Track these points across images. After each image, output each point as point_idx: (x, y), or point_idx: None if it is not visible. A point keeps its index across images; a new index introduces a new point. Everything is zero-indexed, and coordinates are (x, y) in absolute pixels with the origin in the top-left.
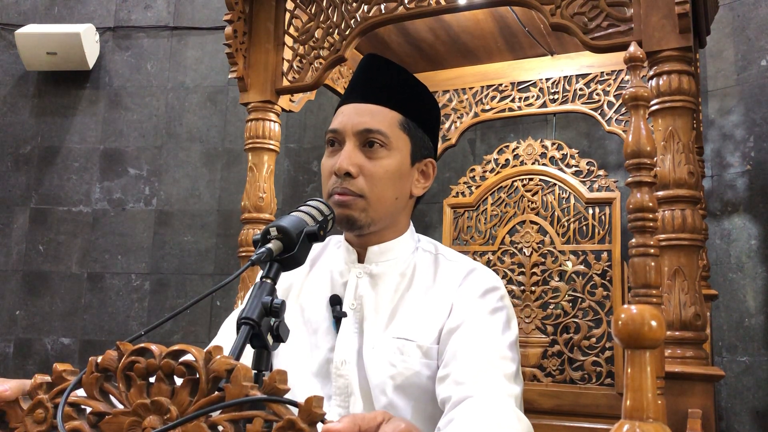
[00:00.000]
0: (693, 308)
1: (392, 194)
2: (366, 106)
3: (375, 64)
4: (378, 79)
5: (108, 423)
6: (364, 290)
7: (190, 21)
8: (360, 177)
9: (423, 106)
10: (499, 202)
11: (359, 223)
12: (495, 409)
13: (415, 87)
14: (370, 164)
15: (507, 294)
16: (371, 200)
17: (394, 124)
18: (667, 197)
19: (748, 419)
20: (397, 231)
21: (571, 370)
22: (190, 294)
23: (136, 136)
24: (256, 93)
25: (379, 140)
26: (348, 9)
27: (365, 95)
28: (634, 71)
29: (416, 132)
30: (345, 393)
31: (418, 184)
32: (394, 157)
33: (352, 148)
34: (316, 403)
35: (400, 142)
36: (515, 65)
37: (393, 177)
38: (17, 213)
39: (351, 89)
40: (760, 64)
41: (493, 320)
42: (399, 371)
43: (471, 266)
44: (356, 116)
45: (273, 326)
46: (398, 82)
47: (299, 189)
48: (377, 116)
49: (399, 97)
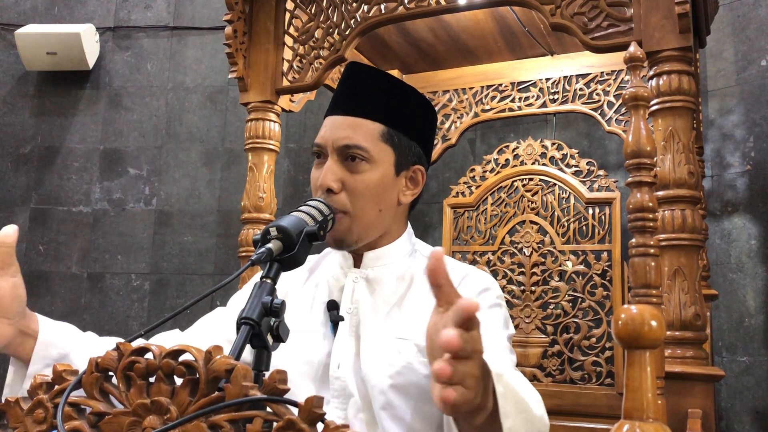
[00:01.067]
0: (693, 308)
1: (375, 207)
2: (347, 120)
3: (357, 74)
4: (359, 90)
5: (108, 423)
6: (361, 294)
7: (190, 21)
8: (342, 193)
9: (409, 112)
10: (499, 202)
11: (347, 242)
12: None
13: (401, 94)
14: (352, 179)
15: (503, 295)
16: (354, 215)
17: (375, 137)
18: (667, 197)
19: (748, 419)
20: (390, 237)
21: (571, 370)
22: (190, 294)
23: (136, 136)
24: (256, 93)
25: (359, 155)
26: (348, 9)
27: (346, 108)
28: (634, 71)
29: (401, 141)
30: (343, 395)
31: (406, 191)
32: (377, 170)
33: (334, 163)
34: (316, 403)
35: (383, 154)
36: (515, 65)
37: (375, 190)
38: (17, 213)
39: (334, 101)
40: (760, 64)
41: (492, 315)
42: (397, 371)
43: (467, 270)
44: (337, 131)
45: (273, 326)
46: (381, 92)
47: (299, 189)
48: (358, 130)
49: (381, 107)
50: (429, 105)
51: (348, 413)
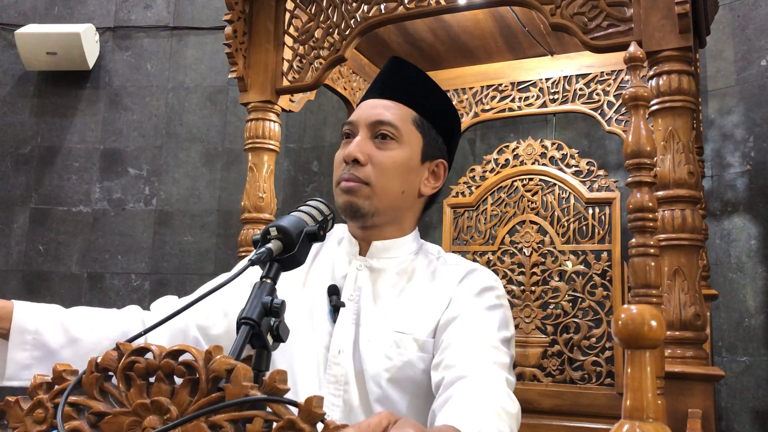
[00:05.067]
0: (693, 308)
1: (398, 186)
2: (382, 101)
3: (396, 65)
4: (397, 77)
5: (108, 423)
6: (363, 282)
7: (190, 21)
8: (368, 165)
9: (440, 108)
10: (499, 202)
11: (363, 210)
12: (489, 387)
13: (434, 91)
14: (380, 154)
15: (506, 295)
16: (376, 189)
17: (407, 119)
18: (667, 197)
19: (748, 419)
20: (401, 230)
21: (571, 370)
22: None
23: (136, 136)
24: (256, 93)
25: (390, 133)
26: (348, 9)
27: (382, 91)
28: (634, 71)
29: (429, 131)
30: (340, 382)
31: (427, 183)
32: (404, 150)
33: (364, 138)
34: (316, 403)
35: (412, 138)
36: (515, 65)
37: (400, 169)
38: (17, 213)
39: (371, 87)
40: (760, 64)
41: (490, 316)
42: (394, 364)
43: (472, 266)
44: (371, 109)
45: (273, 326)
46: (416, 83)
47: (299, 189)
48: (391, 110)
49: (415, 95)
50: (456, 111)
51: (344, 400)
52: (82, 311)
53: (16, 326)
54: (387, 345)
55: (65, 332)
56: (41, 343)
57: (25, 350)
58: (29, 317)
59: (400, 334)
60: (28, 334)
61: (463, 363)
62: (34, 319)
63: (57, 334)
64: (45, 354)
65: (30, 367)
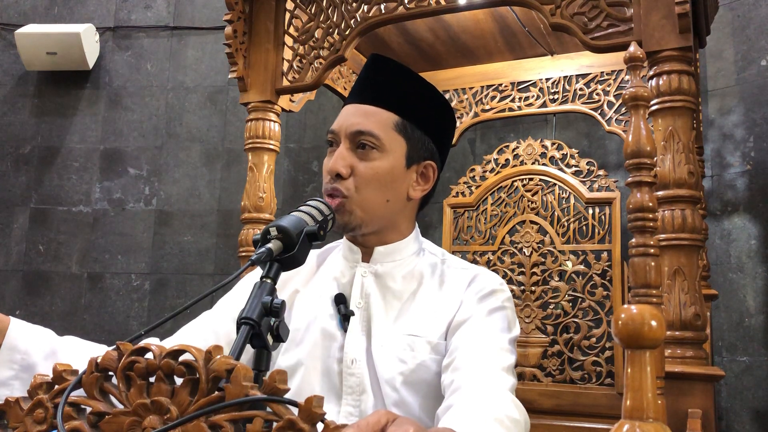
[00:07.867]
0: (693, 308)
1: (382, 196)
2: (362, 107)
3: (377, 65)
4: (378, 79)
5: (108, 423)
6: (371, 288)
7: (190, 21)
8: (350, 178)
9: (426, 107)
10: (499, 202)
11: (350, 224)
12: (493, 395)
13: (419, 88)
14: (361, 165)
15: (511, 297)
16: (359, 201)
17: (388, 126)
18: (667, 197)
19: (748, 419)
20: (399, 233)
21: (571, 370)
22: (190, 294)
23: (136, 136)
24: (256, 93)
25: (370, 142)
26: (348, 9)
27: (362, 96)
28: (634, 71)
29: (413, 134)
30: (356, 392)
31: (416, 186)
32: (386, 159)
33: (345, 149)
34: (316, 403)
35: (394, 144)
36: (515, 65)
37: (383, 179)
38: (17, 213)
39: (353, 90)
40: (760, 64)
41: (496, 317)
42: (408, 366)
43: (477, 270)
44: (351, 117)
45: (273, 326)
46: (399, 83)
47: (299, 189)
48: (371, 118)
49: (397, 97)
50: (448, 105)
51: (361, 410)
52: (74, 342)
53: (7, 344)
54: (400, 348)
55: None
56: (28, 365)
57: (12, 369)
58: (22, 337)
59: (413, 337)
60: (17, 353)
61: (470, 366)
62: (27, 340)
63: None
64: (29, 377)
65: (10, 386)
